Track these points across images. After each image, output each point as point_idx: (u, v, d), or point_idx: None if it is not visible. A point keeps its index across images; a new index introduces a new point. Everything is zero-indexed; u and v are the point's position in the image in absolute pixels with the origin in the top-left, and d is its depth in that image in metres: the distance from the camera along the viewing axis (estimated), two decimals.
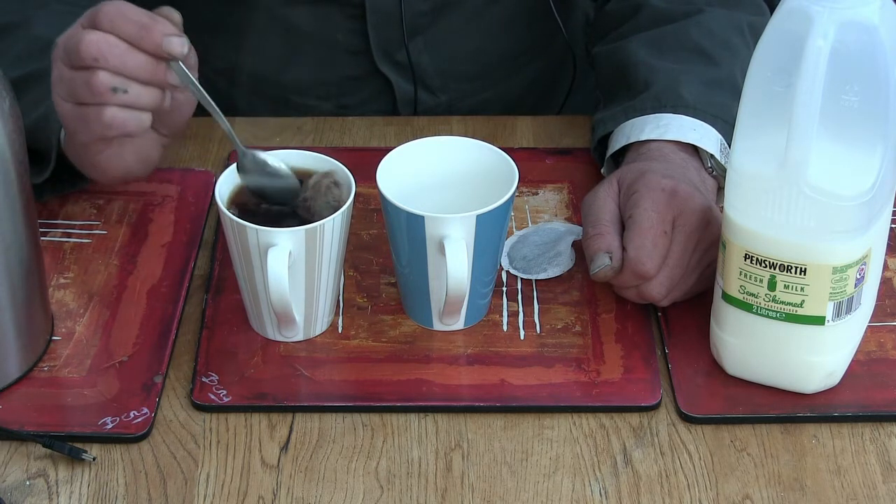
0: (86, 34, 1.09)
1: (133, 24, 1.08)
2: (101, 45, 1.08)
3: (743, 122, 1.05)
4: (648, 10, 1.35)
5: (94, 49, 1.08)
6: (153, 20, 1.09)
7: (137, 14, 1.09)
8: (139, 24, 1.08)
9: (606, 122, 1.28)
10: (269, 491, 1.05)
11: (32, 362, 1.13)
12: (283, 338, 1.15)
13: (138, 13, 1.09)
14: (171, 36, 1.09)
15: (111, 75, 1.09)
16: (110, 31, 1.09)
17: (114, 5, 1.09)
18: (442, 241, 1.10)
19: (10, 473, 1.06)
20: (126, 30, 1.08)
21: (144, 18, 1.09)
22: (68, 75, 1.11)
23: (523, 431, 1.09)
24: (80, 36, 1.09)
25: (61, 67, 1.12)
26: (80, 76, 1.10)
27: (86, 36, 1.09)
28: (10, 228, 1.07)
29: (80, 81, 1.10)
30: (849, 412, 1.10)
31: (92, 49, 1.08)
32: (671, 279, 1.14)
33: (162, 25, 1.09)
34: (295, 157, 1.16)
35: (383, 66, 1.44)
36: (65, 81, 1.11)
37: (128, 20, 1.09)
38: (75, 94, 1.11)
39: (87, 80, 1.09)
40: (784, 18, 1.00)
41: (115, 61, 1.09)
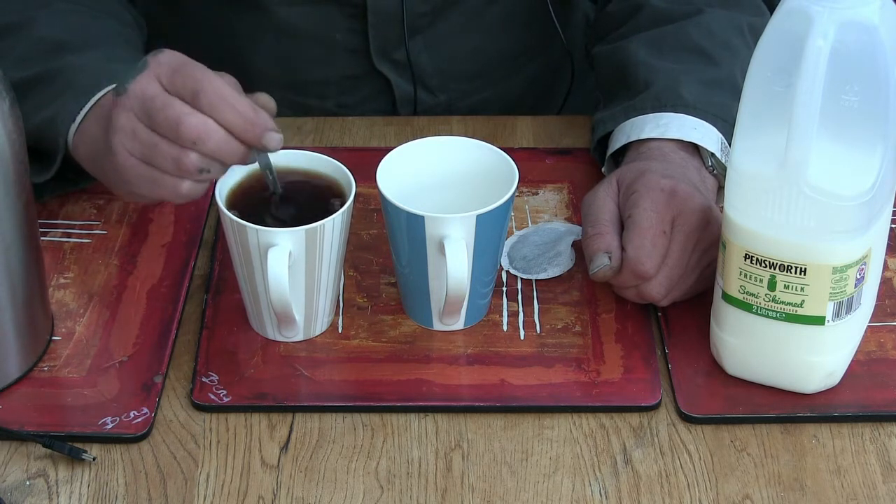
0: (187, 115, 1.06)
1: (238, 115, 1.07)
2: (202, 131, 1.06)
3: (743, 122, 1.05)
4: (648, 11, 1.35)
5: (195, 134, 1.06)
6: (256, 113, 1.07)
7: (241, 103, 1.07)
8: (244, 118, 1.07)
9: (606, 122, 1.28)
10: (269, 491, 1.05)
11: (32, 362, 1.13)
12: (283, 338, 1.15)
13: (242, 102, 1.07)
14: (272, 132, 1.08)
15: (202, 157, 1.08)
16: (211, 115, 1.07)
17: (216, 87, 1.07)
18: (442, 241, 1.10)
19: (10, 473, 1.06)
20: (230, 119, 1.07)
21: (249, 111, 1.07)
22: (147, 137, 1.08)
23: (523, 431, 1.09)
24: (179, 114, 1.06)
25: (136, 123, 1.09)
26: (169, 150, 1.08)
27: (188, 118, 1.06)
28: (10, 228, 1.07)
29: (167, 154, 1.08)
30: (849, 412, 1.10)
31: (192, 133, 1.06)
32: (670, 279, 1.14)
33: (264, 120, 1.07)
34: (295, 157, 1.16)
35: (382, 65, 1.44)
36: (142, 142, 1.09)
37: (233, 109, 1.06)
38: (154, 160, 1.09)
39: (177, 156, 1.08)
40: (784, 18, 1.00)
41: (213, 147, 1.07)
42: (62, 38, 1.24)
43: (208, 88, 1.06)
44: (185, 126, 1.06)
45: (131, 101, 1.08)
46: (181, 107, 1.07)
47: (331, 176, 1.15)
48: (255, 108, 1.07)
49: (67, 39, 1.23)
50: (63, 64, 1.20)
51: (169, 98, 1.07)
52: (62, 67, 1.20)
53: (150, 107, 1.07)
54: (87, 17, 1.28)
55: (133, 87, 1.08)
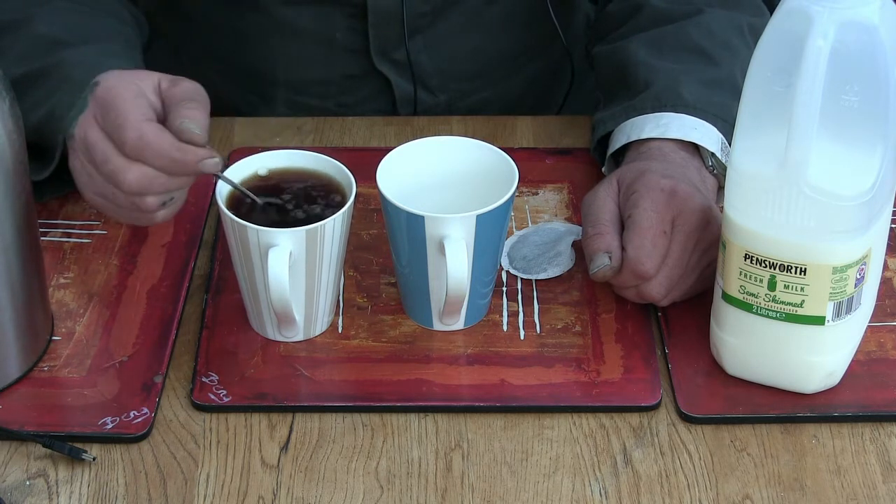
0: (123, 171, 1.08)
1: (163, 158, 1.08)
2: (143, 182, 1.08)
3: (743, 122, 1.05)
4: (648, 11, 1.35)
5: (137, 186, 1.08)
6: (182, 152, 1.08)
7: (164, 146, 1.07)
8: (170, 159, 1.08)
9: (606, 122, 1.28)
10: (269, 491, 1.05)
11: (32, 362, 1.13)
12: (283, 338, 1.15)
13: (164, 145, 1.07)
14: (205, 160, 1.08)
15: (158, 196, 1.10)
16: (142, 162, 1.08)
17: (136, 136, 1.07)
18: (442, 241, 1.10)
19: (10, 473, 1.06)
20: (158, 164, 1.08)
21: (174, 153, 1.07)
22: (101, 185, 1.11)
23: (523, 431, 1.09)
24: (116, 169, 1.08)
25: (87, 166, 1.11)
26: (123, 198, 1.10)
27: (125, 175, 1.08)
28: (10, 228, 1.07)
29: (122, 202, 1.10)
30: (849, 412, 1.10)
31: (134, 186, 1.08)
32: (670, 279, 1.14)
33: (192, 154, 1.08)
34: (295, 157, 1.16)
35: (382, 65, 1.44)
36: (98, 185, 1.11)
37: (157, 155, 1.07)
38: (117, 203, 1.11)
39: (134, 203, 1.10)
40: (784, 18, 1.00)
41: (160, 190, 1.09)
42: (60, 35, 1.24)
43: (129, 137, 1.08)
44: (126, 183, 1.09)
45: (78, 145, 1.12)
46: (116, 161, 1.09)
47: (331, 176, 1.15)
48: (178, 146, 1.08)
49: (65, 36, 1.24)
50: (59, 59, 1.20)
51: (106, 147, 1.09)
52: (59, 63, 1.20)
53: (93, 159, 1.11)
54: (85, 16, 1.29)
55: (77, 132, 1.12)
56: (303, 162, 1.16)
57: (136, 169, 1.08)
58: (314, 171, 1.15)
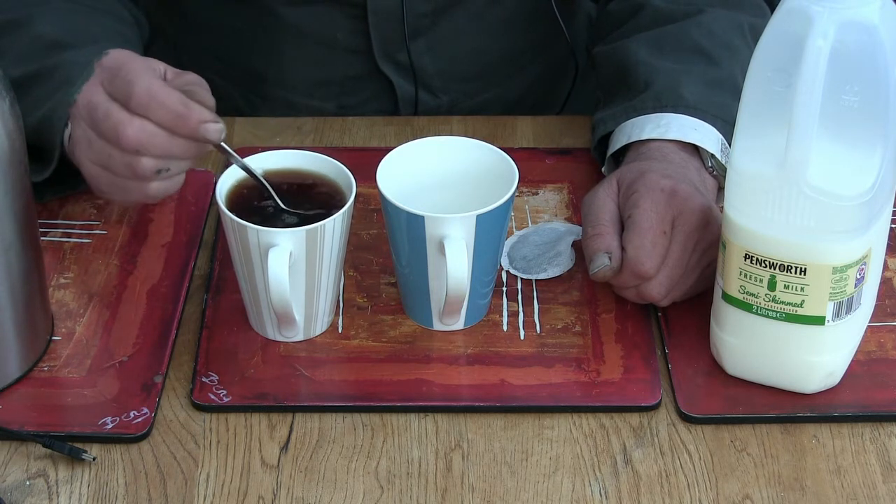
0: (124, 124, 1.08)
1: (169, 112, 1.07)
2: (142, 137, 1.08)
3: (743, 122, 1.05)
4: (649, 11, 1.35)
5: (135, 141, 1.08)
6: (187, 108, 1.08)
7: (171, 100, 1.08)
8: (175, 114, 1.07)
9: (607, 122, 1.28)
10: (269, 491, 1.05)
11: (32, 362, 1.13)
12: (283, 338, 1.15)
13: (172, 99, 1.08)
14: (208, 122, 1.08)
15: (154, 160, 1.09)
16: (145, 117, 1.08)
17: (145, 88, 1.08)
18: (442, 241, 1.10)
19: (10, 473, 1.06)
20: (161, 117, 1.08)
21: (179, 107, 1.07)
22: (101, 147, 1.10)
23: (523, 431, 1.09)
24: (117, 122, 1.08)
25: (87, 131, 1.11)
26: (121, 158, 1.09)
27: (125, 128, 1.08)
28: (10, 228, 1.07)
29: (119, 163, 1.10)
30: (849, 412, 1.10)
31: (133, 141, 1.08)
32: (671, 279, 1.14)
33: (197, 113, 1.08)
34: (295, 157, 1.16)
35: (384, 66, 1.44)
36: (96, 151, 1.11)
37: (163, 107, 1.07)
38: (112, 167, 1.11)
39: (130, 164, 1.09)
40: (784, 18, 1.00)
41: (159, 150, 1.09)
42: (60, 35, 1.24)
43: (137, 90, 1.07)
44: (124, 136, 1.08)
45: (80, 111, 1.11)
46: (118, 115, 1.08)
47: (331, 176, 1.15)
48: (185, 102, 1.08)
49: (65, 37, 1.24)
50: (59, 60, 1.20)
51: (109, 106, 1.09)
52: (59, 64, 1.20)
53: (95, 117, 1.10)
54: (85, 16, 1.29)
55: (80, 97, 1.11)
56: (303, 162, 1.16)
57: (136, 122, 1.08)
58: (314, 171, 1.15)
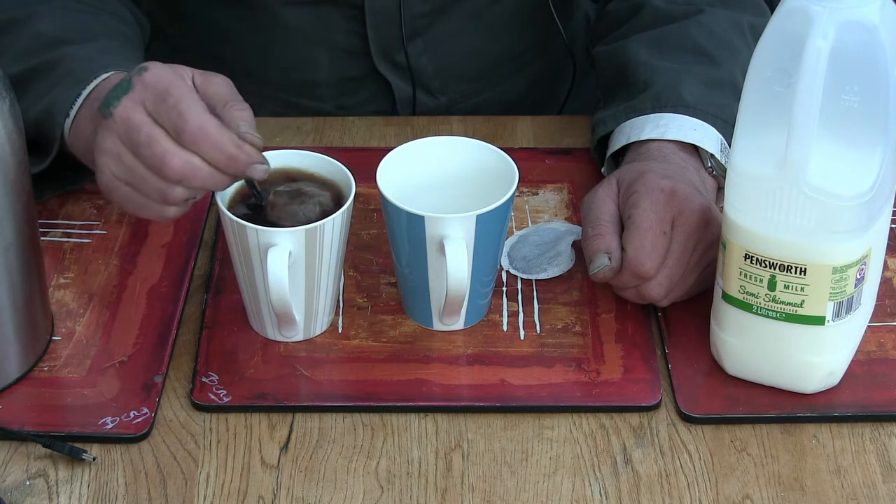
0: (171, 154, 1.06)
1: (220, 153, 1.06)
2: (188, 171, 1.06)
3: (743, 122, 1.05)
4: (649, 10, 1.35)
5: (180, 174, 1.06)
6: (240, 149, 1.06)
7: (224, 140, 1.06)
8: (226, 155, 1.06)
9: (606, 122, 1.28)
10: (269, 491, 1.05)
11: (32, 362, 1.13)
12: (283, 338, 1.15)
13: (225, 139, 1.06)
14: (257, 164, 1.07)
15: (188, 190, 1.08)
16: (195, 152, 1.06)
17: (198, 125, 1.06)
18: (442, 241, 1.10)
19: (10, 473, 1.06)
20: (214, 157, 1.06)
21: (231, 148, 1.06)
22: (132, 166, 1.08)
23: (523, 431, 1.09)
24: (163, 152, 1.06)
25: (121, 147, 1.08)
26: (154, 182, 1.07)
27: (171, 158, 1.06)
28: (10, 228, 1.07)
29: (151, 186, 1.08)
30: (849, 412, 1.10)
31: (178, 173, 1.06)
32: (670, 279, 1.14)
33: (248, 156, 1.07)
34: (295, 157, 1.16)
35: (382, 67, 1.44)
36: (127, 169, 1.08)
37: (215, 148, 1.06)
38: (139, 188, 1.09)
39: (163, 190, 1.07)
40: (784, 18, 1.00)
41: (199, 184, 1.07)
42: (61, 32, 1.24)
43: (191, 127, 1.05)
44: (170, 167, 1.06)
45: (116, 126, 1.08)
46: (165, 144, 1.06)
47: (331, 176, 1.15)
48: (237, 143, 1.06)
49: (66, 34, 1.24)
50: (61, 55, 1.20)
51: (153, 131, 1.07)
52: (59, 59, 1.20)
53: (136, 139, 1.07)
54: (86, 14, 1.29)
55: (118, 112, 1.08)
56: (303, 162, 1.16)
57: (185, 156, 1.06)
58: (314, 171, 1.15)
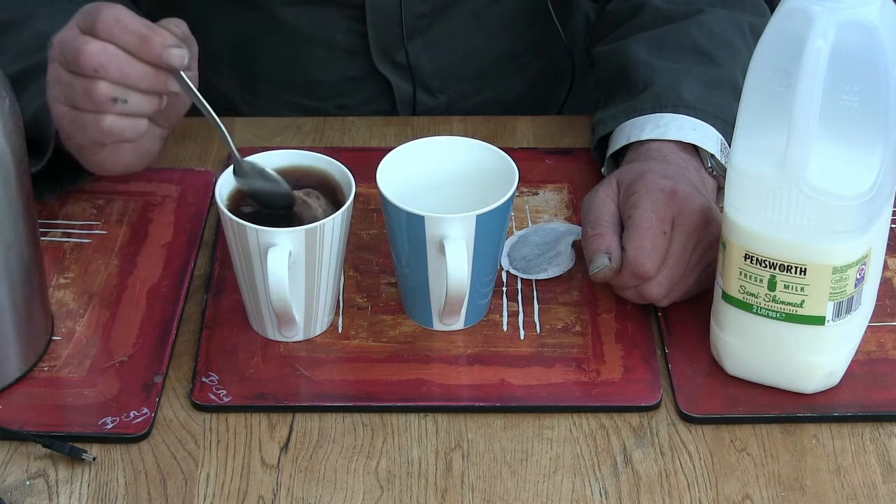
0: (86, 43, 1.09)
1: (132, 34, 1.08)
2: (101, 56, 1.08)
3: (743, 122, 1.05)
4: (649, 10, 1.35)
5: (95, 60, 1.08)
6: (152, 31, 1.09)
7: (136, 24, 1.09)
8: (138, 35, 1.08)
9: (606, 122, 1.28)
10: (269, 491, 1.05)
11: (32, 362, 1.13)
12: (283, 338, 1.15)
13: (137, 23, 1.09)
14: (171, 47, 1.09)
15: (111, 85, 1.09)
16: (109, 41, 1.08)
17: (112, 13, 1.09)
18: (442, 241, 1.10)
19: (10, 473, 1.06)
20: (125, 39, 1.08)
21: (143, 29, 1.08)
22: (66, 79, 1.11)
23: (523, 431, 1.09)
24: (80, 44, 1.09)
25: (58, 69, 1.12)
26: (80, 83, 1.10)
27: (86, 46, 1.09)
28: (10, 228, 1.07)
29: (79, 89, 1.10)
30: (849, 412, 1.10)
31: (92, 60, 1.08)
32: (671, 279, 1.14)
33: (161, 36, 1.09)
34: (295, 157, 1.16)
35: (381, 66, 1.44)
36: (63, 85, 1.12)
37: (127, 30, 1.08)
38: (73, 99, 1.11)
39: (87, 88, 1.10)
40: (784, 18, 1.00)
41: (116, 72, 1.09)
42: None
43: (103, 14, 1.08)
44: (84, 55, 1.08)
45: (54, 51, 1.12)
46: (81, 38, 1.09)
47: (331, 176, 1.15)
48: (150, 25, 1.09)
49: None
50: None
51: (75, 35, 1.09)
52: None
53: (63, 50, 1.10)
54: None
55: (56, 38, 1.11)
56: (303, 162, 1.16)
57: (97, 44, 1.08)
58: (314, 171, 1.15)
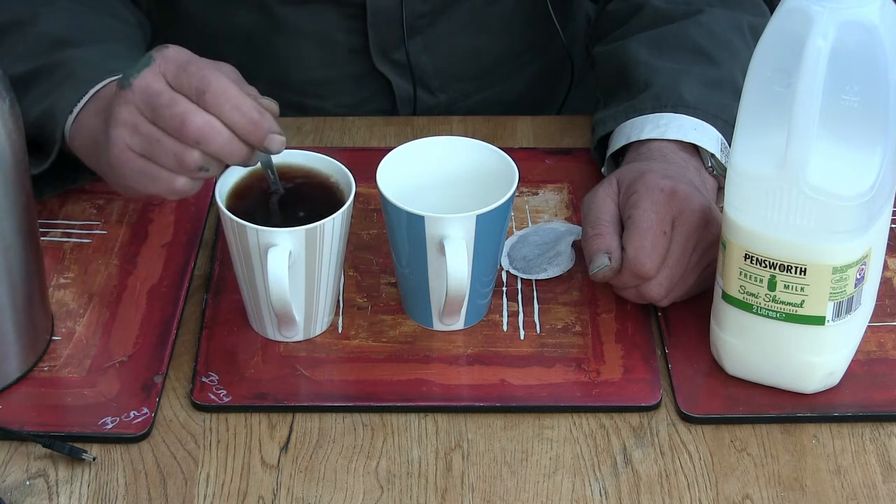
0: (193, 114, 1.06)
1: (244, 117, 1.06)
2: (207, 131, 1.06)
3: (743, 122, 1.05)
4: (649, 11, 1.35)
5: (199, 133, 1.06)
6: (261, 115, 1.07)
7: (246, 105, 1.06)
8: (248, 119, 1.06)
9: (606, 122, 1.28)
10: (269, 491, 1.05)
11: (32, 362, 1.13)
12: (283, 338, 1.15)
13: (247, 103, 1.06)
14: (275, 134, 1.08)
15: (204, 156, 1.08)
16: (215, 115, 1.06)
17: (222, 88, 1.06)
18: (442, 241, 1.10)
19: (10, 473, 1.06)
20: (234, 120, 1.06)
21: (253, 113, 1.06)
22: (152, 133, 1.08)
23: (523, 431, 1.09)
24: (185, 112, 1.06)
25: (139, 118, 1.08)
26: (172, 145, 1.07)
27: (193, 118, 1.06)
28: (10, 228, 1.07)
29: (168, 149, 1.07)
30: (849, 412, 1.10)
31: (197, 132, 1.06)
32: (670, 279, 1.14)
33: (268, 122, 1.07)
34: (295, 157, 1.16)
35: (381, 65, 1.44)
36: (143, 136, 1.08)
37: (239, 111, 1.06)
38: (155, 154, 1.08)
39: (180, 153, 1.07)
40: (784, 18, 1.00)
41: (216, 148, 1.07)
42: (64, 34, 1.24)
43: (214, 88, 1.06)
44: (190, 125, 1.06)
45: (135, 96, 1.08)
46: (186, 104, 1.06)
47: (331, 176, 1.15)
48: (259, 109, 1.07)
49: (69, 35, 1.24)
50: (64, 57, 1.20)
51: (174, 95, 1.07)
52: (63, 60, 1.20)
53: (155, 103, 1.07)
54: (89, 16, 1.29)
55: (137, 82, 1.08)
56: (303, 162, 1.16)
57: (206, 116, 1.06)
58: (314, 171, 1.15)
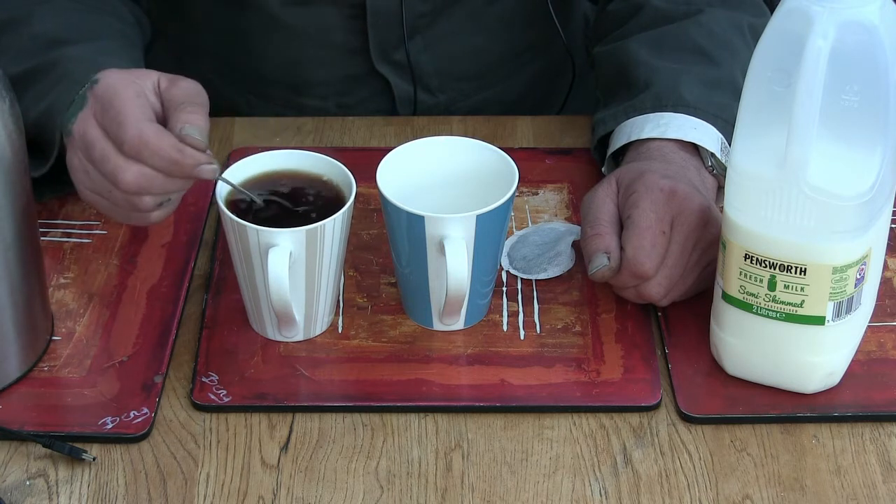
0: (122, 170, 1.08)
1: (162, 159, 1.08)
2: (140, 181, 1.09)
3: (743, 122, 1.05)
4: (649, 11, 1.35)
5: (135, 185, 1.09)
6: (181, 154, 1.08)
7: (164, 146, 1.08)
8: (169, 160, 1.08)
9: (607, 122, 1.28)
10: (269, 491, 1.05)
11: (32, 362, 1.13)
12: (283, 338, 1.15)
13: (164, 145, 1.08)
14: (203, 165, 1.09)
15: (155, 196, 1.10)
16: (140, 162, 1.08)
17: (136, 135, 1.08)
18: (442, 241, 1.10)
19: (10, 473, 1.06)
20: (156, 164, 1.08)
21: (173, 153, 1.08)
22: (99, 182, 1.11)
23: (523, 431, 1.09)
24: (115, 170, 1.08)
25: (86, 164, 1.11)
26: (120, 196, 1.10)
27: (123, 174, 1.08)
28: (10, 228, 1.07)
29: (119, 200, 1.11)
30: (849, 412, 1.10)
31: (132, 186, 1.09)
32: (670, 279, 1.14)
33: (191, 157, 1.08)
34: (295, 157, 1.16)
35: (380, 66, 1.44)
36: (95, 182, 1.11)
37: (156, 155, 1.08)
38: (114, 202, 1.11)
39: (131, 202, 1.10)
40: (784, 18, 1.00)
41: (159, 189, 1.10)
42: (60, 33, 1.24)
43: (129, 134, 1.08)
44: (123, 182, 1.09)
45: (77, 142, 1.12)
46: (115, 159, 1.09)
47: (331, 176, 1.15)
48: (178, 147, 1.08)
49: (65, 34, 1.24)
50: (59, 56, 1.21)
51: (104, 148, 1.09)
52: (58, 59, 1.20)
53: (91, 156, 1.10)
54: (85, 14, 1.29)
55: (76, 128, 1.11)
56: (303, 162, 1.16)
57: (134, 168, 1.09)
58: (314, 171, 1.15)
